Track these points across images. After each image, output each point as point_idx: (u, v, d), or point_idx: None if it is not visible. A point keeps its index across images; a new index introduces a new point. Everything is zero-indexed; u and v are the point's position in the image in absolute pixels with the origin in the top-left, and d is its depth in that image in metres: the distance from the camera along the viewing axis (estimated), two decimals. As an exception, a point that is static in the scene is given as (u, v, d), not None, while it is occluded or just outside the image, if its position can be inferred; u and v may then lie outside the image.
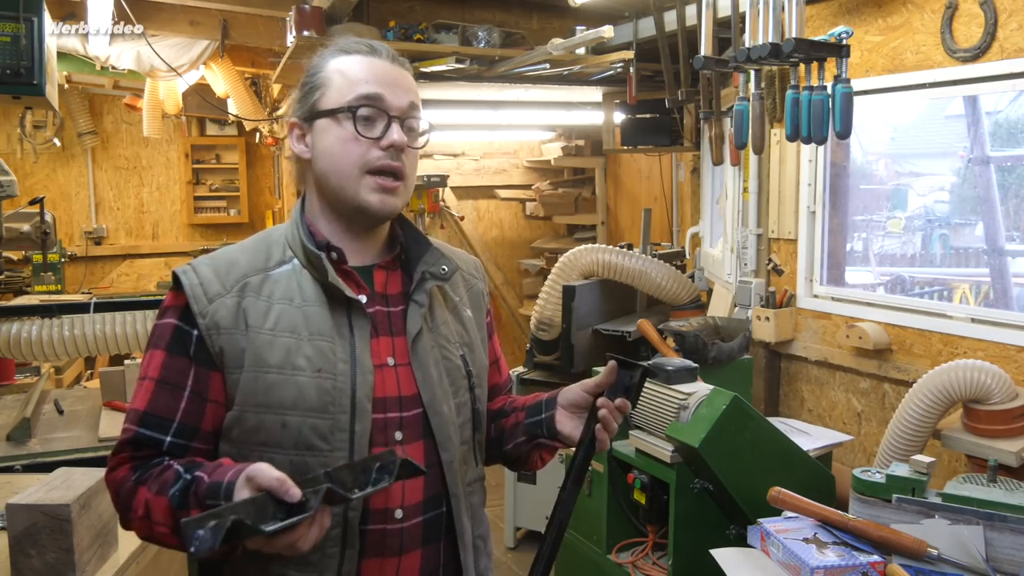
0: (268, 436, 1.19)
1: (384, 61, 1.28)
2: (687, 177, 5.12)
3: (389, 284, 1.31)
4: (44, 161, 7.09)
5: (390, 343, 1.27)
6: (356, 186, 1.24)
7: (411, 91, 1.29)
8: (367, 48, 1.28)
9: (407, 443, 1.24)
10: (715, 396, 2.18)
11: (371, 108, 1.24)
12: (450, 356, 1.32)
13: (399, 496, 1.22)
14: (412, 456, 1.19)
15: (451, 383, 1.30)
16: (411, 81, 1.31)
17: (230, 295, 1.21)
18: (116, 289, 7.07)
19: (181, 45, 5.03)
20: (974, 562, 1.66)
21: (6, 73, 2.48)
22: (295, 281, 1.24)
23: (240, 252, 1.28)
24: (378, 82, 1.25)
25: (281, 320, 1.21)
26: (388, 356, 1.26)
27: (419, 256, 1.33)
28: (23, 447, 2.49)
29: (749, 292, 3.59)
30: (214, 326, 1.20)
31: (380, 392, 1.23)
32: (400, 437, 1.24)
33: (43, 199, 4.07)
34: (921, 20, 2.84)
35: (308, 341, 1.20)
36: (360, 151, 1.23)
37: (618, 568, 2.48)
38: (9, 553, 1.51)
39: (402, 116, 1.26)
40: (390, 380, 1.25)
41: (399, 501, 1.22)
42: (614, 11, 4.31)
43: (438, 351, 1.30)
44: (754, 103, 2.81)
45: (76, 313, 2.78)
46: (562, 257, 3.94)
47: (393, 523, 1.22)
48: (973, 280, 4.15)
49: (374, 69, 1.26)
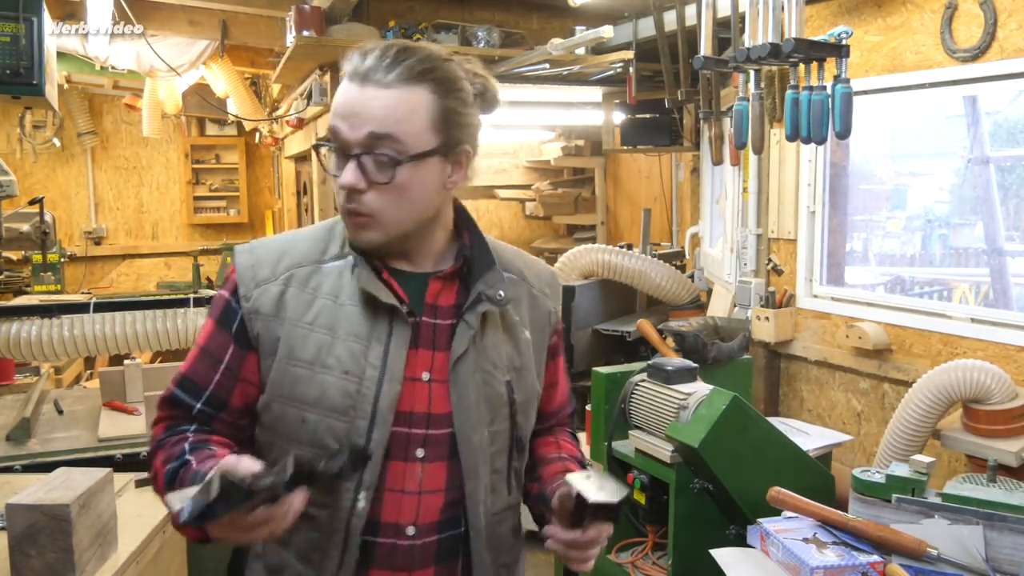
0: (288, 429, 1.19)
1: (352, 84, 1.15)
2: (687, 177, 5.12)
3: (443, 295, 1.25)
4: (44, 161, 7.09)
5: (430, 357, 1.22)
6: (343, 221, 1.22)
7: (377, 119, 1.13)
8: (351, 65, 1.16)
9: (429, 461, 1.20)
10: (715, 396, 2.18)
11: (332, 145, 1.18)
12: (492, 382, 1.24)
13: (413, 513, 1.20)
14: (434, 477, 1.19)
15: (489, 410, 1.24)
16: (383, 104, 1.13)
17: (276, 283, 1.21)
18: (116, 289, 7.07)
19: (181, 45, 5.03)
20: (974, 562, 1.66)
21: (6, 73, 2.48)
22: (344, 278, 1.22)
23: (300, 240, 1.27)
24: (338, 113, 1.16)
25: (320, 316, 1.20)
26: (424, 371, 1.21)
27: (481, 272, 1.25)
28: (23, 447, 2.50)
29: (749, 292, 3.59)
30: (255, 311, 1.20)
31: (407, 406, 1.19)
32: (422, 455, 1.20)
33: (43, 199, 4.08)
34: (921, 20, 2.84)
35: (342, 341, 1.18)
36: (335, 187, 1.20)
37: (618, 568, 2.48)
38: (9, 553, 1.51)
39: (360, 151, 1.14)
40: (421, 395, 1.20)
41: (412, 518, 1.20)
42: (614, 11, 4.31)
43: (480, 376, 1.23)
44: (754, 103, 2.81)
45: (76, 313, 2.78)
46: (562, 257, 3.95)
47: (404, 539, 1.20)
48: (973, 280, 4.15)
49: (341, 96, 1.16)
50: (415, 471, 1.20)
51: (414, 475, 1.20)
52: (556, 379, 1.41)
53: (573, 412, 1.50)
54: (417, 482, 1.20)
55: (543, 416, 1.39)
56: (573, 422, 1.51)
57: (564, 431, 1.46)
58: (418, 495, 1.20)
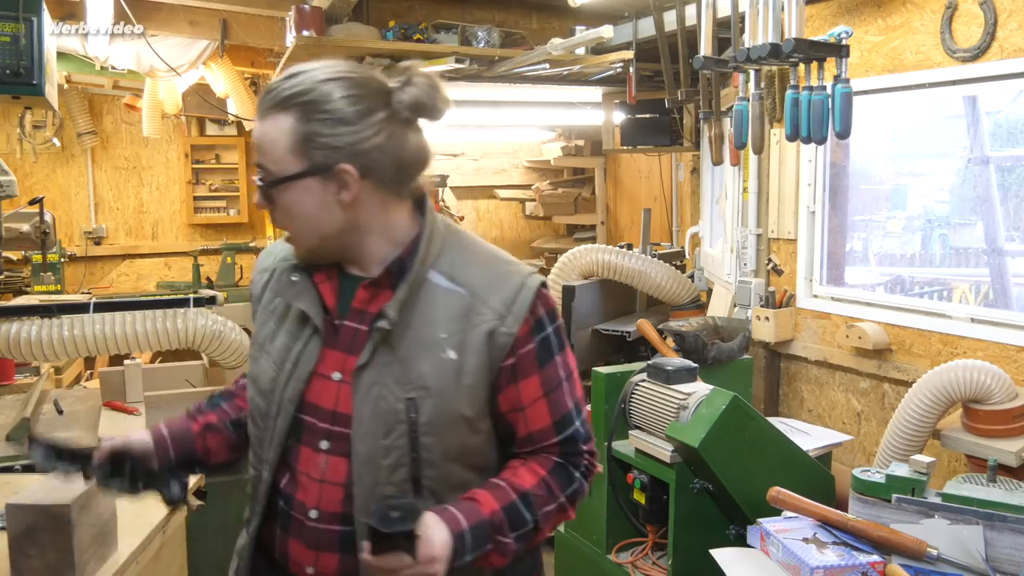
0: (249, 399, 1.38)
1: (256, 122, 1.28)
2: (687, 177, 5.12)
3: (372, 301, 1.28)
4: (43, 161, 7.08)
5: (341, 359, 1.28)
6: None
7: (257, 147, 1.26)
8: None
9: (332, 454, 1.28)
10: (715, 396, 2.18)
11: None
12: (388, 397, 1.24)
13: (316, 498, 1.28)
14: (336, 470, 1.27)
15: (382, 424, 1.24)
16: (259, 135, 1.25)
17: (266, 273, 1.41)
18: (116, 289, 7.06)
19: (181, 45, 5.03)
20: (974, 562, 1.66)
21: (6, 73, 2.48)
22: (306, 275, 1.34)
23: None
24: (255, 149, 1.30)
25: (278, 307, 1.36)
26: (336, 370, 1.28)
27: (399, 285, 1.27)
28: (23, 447, 2.49)
29: (749, 292, 3.59)
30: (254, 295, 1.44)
31: (314, 399, 1.29)
32: (326, 447, 1.28)
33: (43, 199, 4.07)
34: (921, 20, 2.84)
35: (282, 333, 1.33)
36: None
37: (618, 568, 2.48)
38: (9, 553, 1.51)
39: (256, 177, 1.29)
40: (328, 392, 1.28)
41: (315, 503, 1.28)
42: (614, 11, 4.31)
43: (378, 389, 1.24)
44: (754, 103, 2.81)
45: (76, 313, 2.78)
46: (562, 257, 3.95)
47: (309, 520, 1.29)
48: (973, 280, 4.15)
49: None
50: (319, 460, 1.28)
51: (317, 464, 1.28)
52: (522, 404, 1.30)
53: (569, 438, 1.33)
54: (320, 471, 1.28)
55: (518, 441, 1.32)
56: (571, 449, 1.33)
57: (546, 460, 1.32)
58: (320, 483, 1.28)
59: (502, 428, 1.33)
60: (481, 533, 1.21)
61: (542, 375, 1.30)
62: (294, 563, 1.32)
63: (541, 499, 1.28)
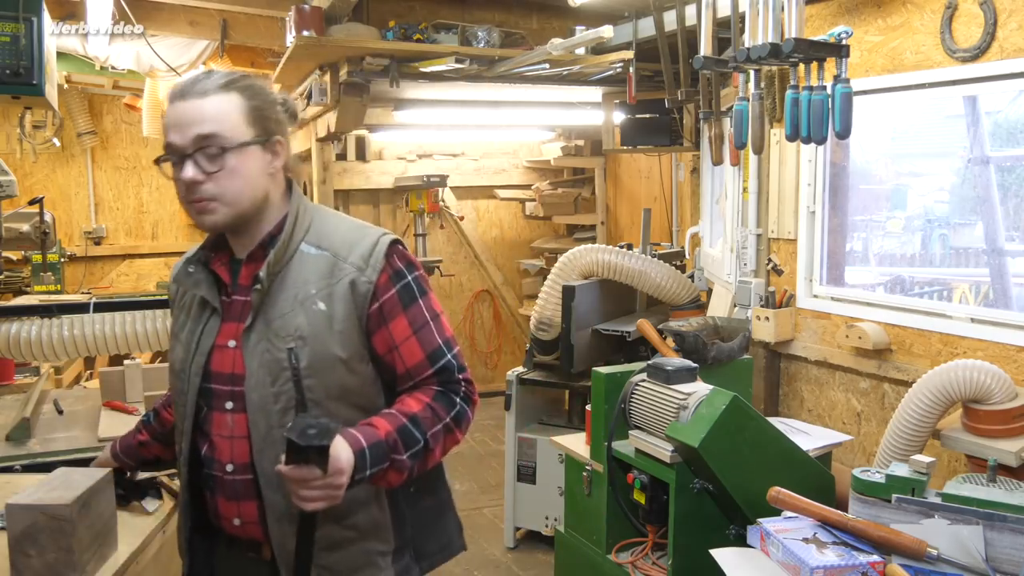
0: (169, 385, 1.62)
1: (174, 104, 1.45)
2: (687, 177, 5.12)
3: (251, 277, 1.51)
4: (43, 161, 7.08)
5: (235, 329, 1.50)
6: (188, 214, 1.49)
7: (199, 122, 1.42)
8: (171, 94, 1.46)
9: (236, 412, 1.48)
10: (715, 396, 2.18)
11: (168, 155, 1.46)
12: (272, 350, 1.46)
13: (228, 453, 1.49)
14: (239, 425, 1.47)
15: (269, 373, 1.45)
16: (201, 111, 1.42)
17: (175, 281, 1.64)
18: (116, 289, 7.06)
19: (181, 45, 5.03)
20: (974, 562, 1.66)
21: (5, 73, 2.47)
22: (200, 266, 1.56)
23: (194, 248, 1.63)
24: (170, 128, 1.45)
25: (186, 301, 1.59)
26: (231, 339, 1.50)
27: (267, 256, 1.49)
28: (23, 447, 2.49)
29: (749, 292, 3.59)
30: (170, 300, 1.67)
31: (217, 368, 1.50)
32: (230, 407, 1.49)
33: (42, 199, 4.07)
34: (921, 20, 2.84)
35: (190, 320, 1.55)
36: (178, 189, 1.47)
37: (618, 568, 2.48)
38: (9, 553, 1.51)
39: (194, 150, 1.42)
40: (227, 359, 1.50)
41: (229, 458, 1.49)
42: (614, 11, 4.31)
43: (264, 343, 1.46)
44: (754, 103, 2.81)
45: (76, 313, 2.77)
46: (562, 257, 3.94)
47: (227, 475, 1.49)
48: (973, 280, 4.15)
49: (168, 116, 1.46)
50: (227, 420, 1.49)
51: (226, 423, 1.49)
52: (394, 343, 1.50)
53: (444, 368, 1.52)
54: (229, 429, 1.49)
55: (399, 378, 1.52)
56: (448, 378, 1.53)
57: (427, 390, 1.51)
58: (230, 439, 1.49)
59: (384, 372, 1.53)
60: (379, 451, 1.39)
61: (408, 316, 1.51)
62: (224, 519, 1.52)
63: (428, 421, 1.47)
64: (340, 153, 6.61)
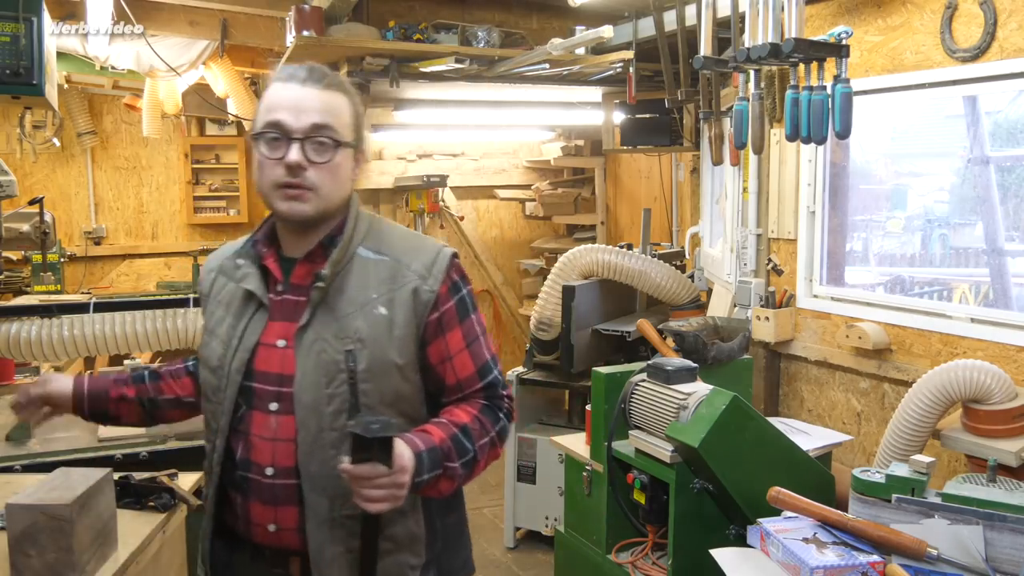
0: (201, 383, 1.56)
1: (291, 85, 1.44)
2: (687, 177, 5.12)
3: (308, 276, 1.49)
4: (43, 161, 7.08)
5: (285, 328, 1.47)
6: (272, 198, 1.45)
7: (318, 111, 1.42)
8: (286, 74, 1.46)
9: (281, 414, 1.44)
10: (715, 396, 2.18)
11: (274, 133, 1.42)
12: (329, 350, 1.43)
13: (270, 456, 1.44)
14: (285, 428, 1.43)
15: (325, 374, 1.43)
16: (322, 100, 1.44)
17: (214, 272, 1.60)
18: (116, 289, 7.06)
19: (181, 45, 5.02)
20: (974, 562, 1.66)
21: (6, 73, 2.48)
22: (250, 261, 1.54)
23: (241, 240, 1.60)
24: (281, 107, 1.43)
25: (224, 295, 1.55)
26: (279, 338, 1.47)
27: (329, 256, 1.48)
28: (23, 447, 2.49)
29: (749, 292, 3.59)
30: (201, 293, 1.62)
31: (262, 367, 1.46)
32: (275, 408, 1.45)
33: (42, 199, 4.07)
34: (921, 20, 2.84)
35: (229, 316, 1.51)
36: (270, 171, 1.43)
37: (618, 568, 2.48)
38: (9, 553, 1.51)
39: (304, 136, 1.41)
40: (274, 359, 1.46)
41: (270, 460, 1.44)
42: (614, 11, 4.31)
43: (320, 344, 1.44)
44: (754, 103, 2.81)
45: (76, 313, 2.78)
46: (562, 257, 3.94)
47: (266, 478, 1.44)
48: (973, 280, 4.15)
49: (280, 94, 1.44)
50: (270, 421, 1.45)
51: (269, 424, 1.45)
52: (449, 354, 1.51)
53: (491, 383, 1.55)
54: (272, 430, 1.44)
55: (447, 389, 1.53)
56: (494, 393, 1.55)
57: (474, 403, 1.53)
58: (272, 441, 1.44)
59: (432, 382, 1.52)
60: (434, 457, 1.39)
61: (463, 329, 1.52)
62: (255, 525, 1.46)
63: (477, 433, 1.48)
64: (340, 153, 6.60)
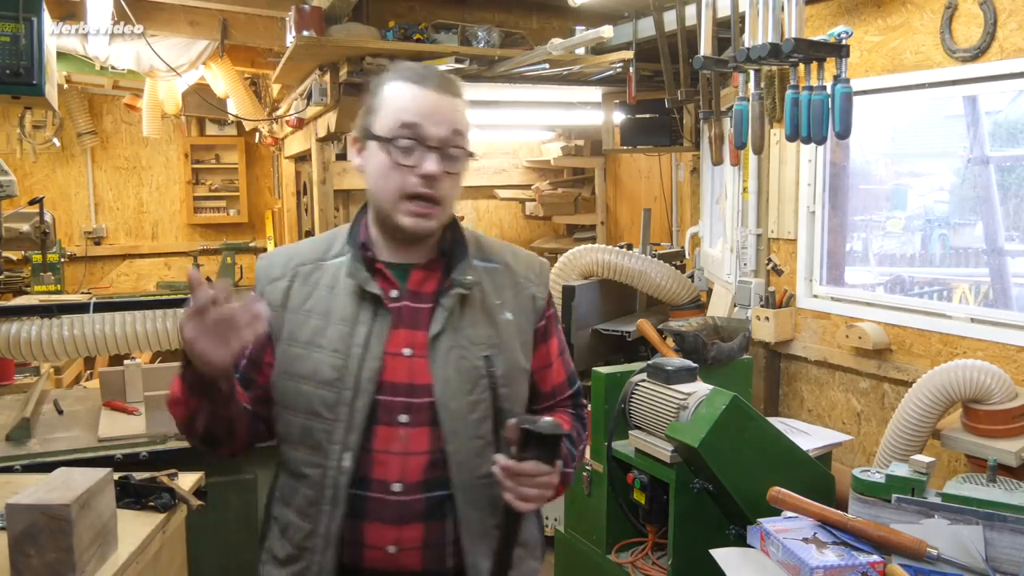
0: (289, 400, 1.40)
1: (428, 90, 1.36)
2: (687, 177, 5.12)
3: (426, 283, 1.43)
4: (43, 161, 7.08)
5: (410, 336, 1.39)
6: (394, 208, 1.37)
7: (453, 120, 1.37)
8: (417, 76, 1.38)
9: (412, 426, 1.37)
10: (715, 396, 2.18)
11: (410, 139, 1.34)
12: (469, 356, 1.39)
13: (398, 471, 1.35)
14: (417, 440, 1.36)
15: (467, 380, 1.38)
16: (456, 109, 1.38)
17: (284, 280, 1.44)
18: (116, 289, 7.07)
19: (181, 45, 5.03)
20: (974, 562, 1.66)
21: (5, 73, 2.48)
22: (341, 271, 1.42)
23: (308, 245, 1.51)
24: (419, 112, 1.35)
25: (317, 304, 1.41)
26: (405, 347, 1.38)
27: (456, 263, 1.44)
28: (23, 447, 2.49)
29: (749, 292, 3.59)
30: (268, 304, 1.38)
31: (390, 377, 1.37)
32: (405, 420, 1.36)
33: (42, 199, 4.08)
34: (921, 20, 2.84)
35: (333, 325, 1.39)
36: (399, 178, 1.35)
37: (618, 568, 2.48)
38: (9, 553, 1.51)
39: (441, 145, 1.35)
40: (402, 368, 1.37)
41: (398, 476, 1.35)
42: (614, 11, 4.31)
43: (457, 351, 1.39)
44: (754, 103, 2.81)
45: (76, 313, 2.78)
46: (562, 257, 3.95)
47: (391, 495, 1.35)
48: (973, 280, 4.15)
49: (417, 99, 1.36)
50: (398, 434, 1.36)
51: (398, 437, 1.36)
52: (549, 360, 1.53)
53: (577, 392, 1.59)
54: (401, 444, 1.36)
55: (541, 396, 1.54)
56: (578, 402, 1.60)
57: (565, 411, 1.57)
58: (403, 455, 1.36)
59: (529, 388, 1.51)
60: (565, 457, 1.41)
61: (558, 337, 1.55)
62: (370, 548, 1.36)
63: (576, 439, 1.52)
64: (340, 153, 6.60)
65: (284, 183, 7.16)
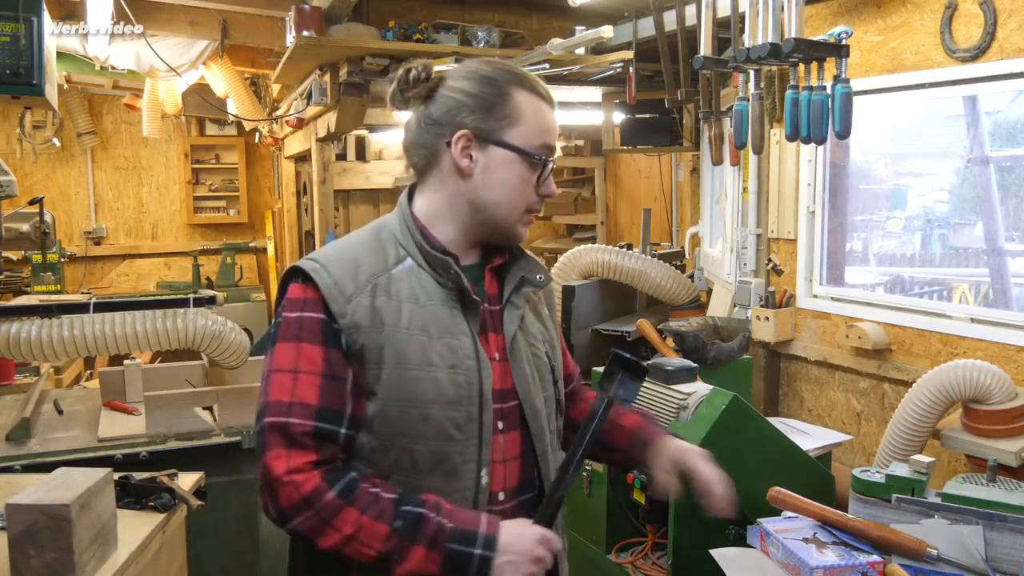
0: (411, 428, 1.27)
1: (552, 111, 1.41)
2: (687, 177, 5.12)
3: (491, 284, 1.43)
4: (44, 161, 7.09)
5: (496, 339, 1.38)
6: (516, 221, 1.38)
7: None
8: (545, 92, 1.39)
9: (507, 432, 1.36)
10: (715, 396, 2.18)
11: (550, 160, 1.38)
12: (539, 353, 1.43)
13: (501, 480, 1.35)
14: (511, 445, 1.36)
15: (540, 378, 1.41)
16: None
17: (364, 295, 1.28)
18: (116, 289, 7.07)
19: (181, 45, 5.03)
20: (974, 562, 1.66)
21: (6, 73, 2.48)
22: (416, 281, 1.32)
23: (360, 251, 1.34)
24: (553, 135, 1.40)
25: (413, 319, 1.29)
26: (496, 351, 1.38)
27: (515, 261, 1.43)
28: (23, 447, 2.49)
29: (749, 292, 3.59)
30: (355, 325, 1.26)
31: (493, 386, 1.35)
32: (501, 427, 1.36)
33: (42, 199, 4.07)
34: (921, 20, 2.84)
35: (437, 339, 1.29)
36: (529, 194, 1.37)
37: (618, 568, 2.48)
38: (9, 553, 1.51)
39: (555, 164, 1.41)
40: (496, 373, 1.36)
41: (501, 485, 1.35)
42: (614, 11, 4.31)
43: (529, 349, 1.41)
44: (753, 103, 2.81)
45: (76, 313, 2.77)
46: (562, 257, 3.94)
47: (497, 504, 1.35)
48: (973, 280, 4.16)
49: (551, 121, 1.40)
50: (499, 442, 1.35)
51: (499, 446, 1.35)
52: (563, 346, 1.59)
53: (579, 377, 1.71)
54: (501, 452, 1.35)
55: (567, 379, 1.60)
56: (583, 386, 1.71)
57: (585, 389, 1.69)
58: (503, 463, 1.36)
59: None
60: None
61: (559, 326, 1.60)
62: None
63: None
64: (340, 153, 6.61)
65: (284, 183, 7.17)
